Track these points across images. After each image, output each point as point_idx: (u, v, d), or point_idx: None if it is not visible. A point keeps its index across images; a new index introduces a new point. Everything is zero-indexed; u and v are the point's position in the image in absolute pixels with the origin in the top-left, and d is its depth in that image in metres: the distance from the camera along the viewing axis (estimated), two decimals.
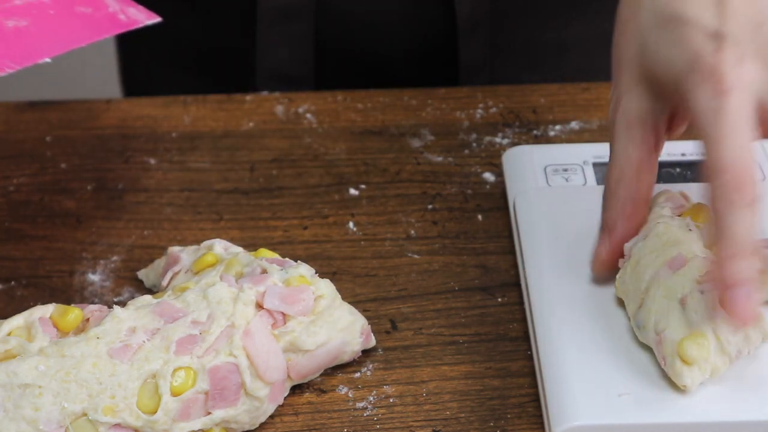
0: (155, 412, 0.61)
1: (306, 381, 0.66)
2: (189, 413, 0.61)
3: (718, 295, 0.59)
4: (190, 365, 0.62)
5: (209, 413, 0.62)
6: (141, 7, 0.73)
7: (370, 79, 0.91)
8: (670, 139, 0.67)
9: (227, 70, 0.96)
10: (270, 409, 0.64)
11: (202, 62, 0.97)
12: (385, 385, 0.66)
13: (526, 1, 0.91)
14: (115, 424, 0.60)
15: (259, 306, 0.64)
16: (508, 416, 0.64)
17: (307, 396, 0.66)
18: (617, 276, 0.65)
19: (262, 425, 0.64)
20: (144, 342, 0.62)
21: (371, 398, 0.66)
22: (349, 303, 0.71)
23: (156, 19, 0.72)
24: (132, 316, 0.63)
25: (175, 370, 0.61)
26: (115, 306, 0.64)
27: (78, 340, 0.62)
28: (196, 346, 0.62)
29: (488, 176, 0.80)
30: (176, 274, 0.68)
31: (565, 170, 0.76)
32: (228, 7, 0.92)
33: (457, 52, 0.91)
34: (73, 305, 0.65)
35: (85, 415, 0.60)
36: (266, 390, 0.63)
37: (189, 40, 0.96)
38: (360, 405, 0.65)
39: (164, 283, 0.68)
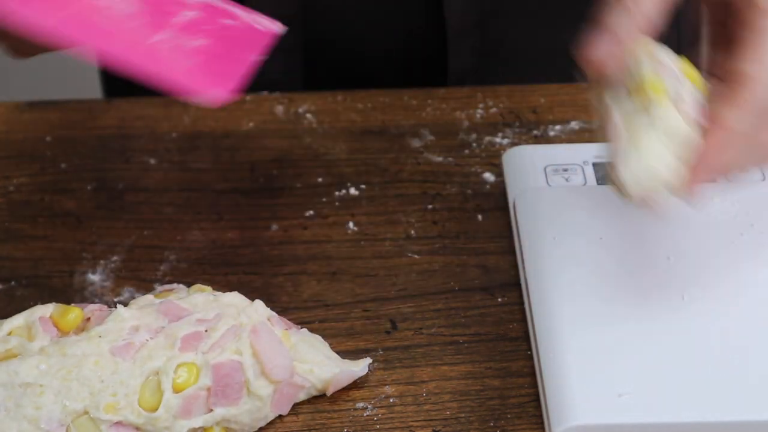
0: (157, 409, 0.61)
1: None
2: (190, 410, 0.61)
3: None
4: (194, 361, 0.62)
5: (211, 410, 0.62)
6: (260, 14, 0.73)
7: (360, 86, 0.91)
8: None
9: None
10: (271, 415, 0.64)
11: None
12: (385, 385, 0.66)
13: (517, 7, 0.91)
14: (117, 422, 0.60)
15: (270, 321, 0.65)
16: (508, 416, 0.64)
17: None
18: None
19: None
20: (147, 340, 0.62)
21: (371, 398, 0.66)
22: (349, 303, 0.71)
23: (279, 28, 0.73)
24: (135, 315, 0.63)
25: (178, 366, 0.61)
26: (118, 305, 0.64)
27: (79, 339, 0.62)
28: (202, 342, 0.62)
29: (488, 176, 0.80)
30: None
31: (565, 170, 0.76)
32: None
33: (446, 59, 0.91)
34: (73, 305, 0.65)
35: (86, 413, 0.60)
36: (269, 389, 0.63)
37: None
38: (360, 405, 0.65)
39: None
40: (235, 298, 0.65)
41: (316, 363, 0.65)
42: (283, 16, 0.89)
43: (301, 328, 0.67)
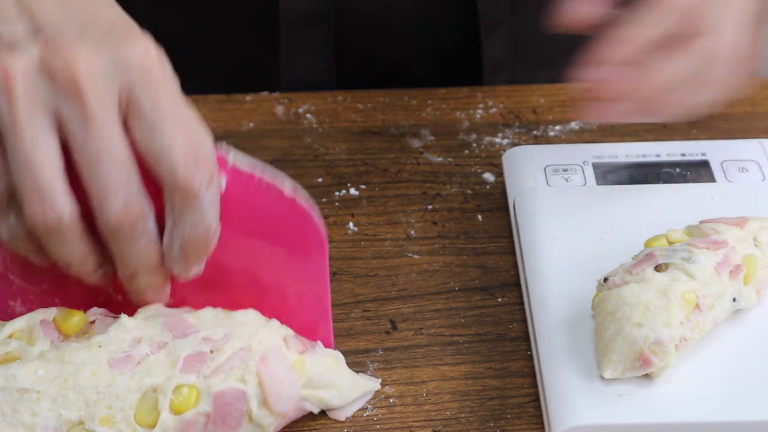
0: (153, 427, 0.59)
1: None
2: None
3: None
4: (195, 384, 0.60)
5: None
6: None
7: (393, 82, 0.91)
8: None
9: (249, 81, 0.95)
10: None
11: (223, 72, 0.96)
12: (385, 385, 0.66)
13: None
14: None
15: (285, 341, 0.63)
16: (508, 416, 0.64)
17: None
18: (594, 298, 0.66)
19: None
20: (148, 354, 0.60)
21: (371, 398, 0.66)
22: (349, 303, 0.71)
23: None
24: (139, 326, 0.61)
25: (177, 387, 0.60)
26: (122, 314, 0.62)
27: (80, 347, 0.60)
28: (204, 364, 0.60)
29: (488, 176, 0.80)
30: None
31: (565, 170, 0.76)
32: (248, 17, 0.92)
33: (479, 51, 0.91)
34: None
35: (81, 423, 0.59)
36: (271, 419, 0.61)
37: (210, 50, 0.96)
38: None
39: None
40: (249, 316, 0.63)
41: (329, 388, 0.63)
42: (315, 13, 0.89)
43: (317, 342, 0.65)
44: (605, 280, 0.64)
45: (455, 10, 0.90)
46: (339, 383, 0.64)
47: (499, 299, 0.71)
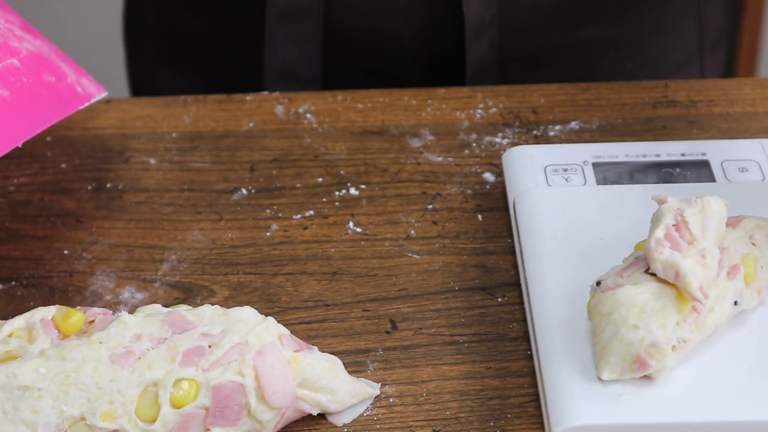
0: (154, 421, 0.59)
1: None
2: (187, 428, 0.60)
3: None
4: (194, 377, 0.60)
5: (208, 430, 0.61)
6: (91, 78, 0.74)
7: (378, 79, 0.91)
8: None
9: (234, 70, 0.96)
10: None
11: (209, 62, 0.97)
12: (386, 385, 0.66)
13: (534, 5, 0.91)
14: (114, 431, 0.59)
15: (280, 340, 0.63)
16: (508, 416, 0.64)
17: None
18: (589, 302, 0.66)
19: None
20: (148, 350, 0.61)
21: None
22: (349, 303, 0.71)
23: (103, 93, 0.76)
24: (139, 323, 0.62)
25: (177, 381, 0.60)
26: (123, 312, 0.63)
27: (80, 344, 0.61)
28: (203, 358, 0.61)
29: (488, 176, 0.80)
30: None
31: (565, 170, 0.76)
32: (236, 6, 0.93)
33: (464, 55, 0.91)
34: (78, 308, 0.64)
35: (83, 419, 0.59)
36: (270, 415, 0.61)
37: (197, 39, 0.97)
38: None
39: None
40: (246, 313, 0.63)
41: (324, 392, 0.63)
42: (303, 6, 0.90)
43: (313, 346, 0.65)
44: (598, 284, 0.64)
45: (443, 13, 0.90)
46: (336, 388, 0.63)
47: (499, 299, 0.71)
